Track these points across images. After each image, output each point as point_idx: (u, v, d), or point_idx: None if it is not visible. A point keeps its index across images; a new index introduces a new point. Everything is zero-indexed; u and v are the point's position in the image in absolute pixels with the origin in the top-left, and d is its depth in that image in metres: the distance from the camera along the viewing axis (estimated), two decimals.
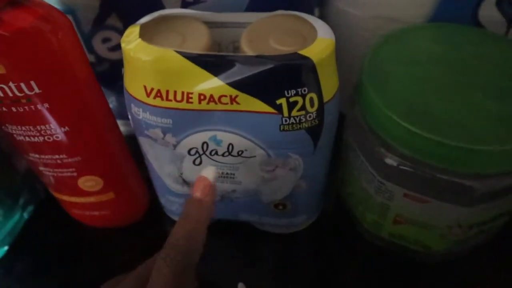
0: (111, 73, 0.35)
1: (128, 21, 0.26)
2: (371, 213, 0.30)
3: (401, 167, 0.26)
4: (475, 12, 0.31)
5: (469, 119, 0.24)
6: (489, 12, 0.31)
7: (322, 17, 0.36)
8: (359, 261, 0.33)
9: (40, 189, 0.36)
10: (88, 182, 0.30)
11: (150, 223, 0.35)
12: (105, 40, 0.33)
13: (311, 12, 0.34)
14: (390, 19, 0.32)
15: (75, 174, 0.29)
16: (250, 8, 0.31)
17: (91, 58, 0.34)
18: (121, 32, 0.33)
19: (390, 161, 0.26)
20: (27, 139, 0.26)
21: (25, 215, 0.35)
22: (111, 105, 0.36)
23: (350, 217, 0.34)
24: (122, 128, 0.33)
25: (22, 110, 0.24)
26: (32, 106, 0.24)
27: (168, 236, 0.23)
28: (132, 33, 0.25)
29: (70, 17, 0.31)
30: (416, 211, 0.27)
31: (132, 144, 0.31)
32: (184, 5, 0.31)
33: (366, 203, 0.30)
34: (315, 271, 0.33)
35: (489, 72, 0.27)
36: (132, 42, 0.24)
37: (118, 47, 0.34)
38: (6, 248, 0.34)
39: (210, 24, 0.27)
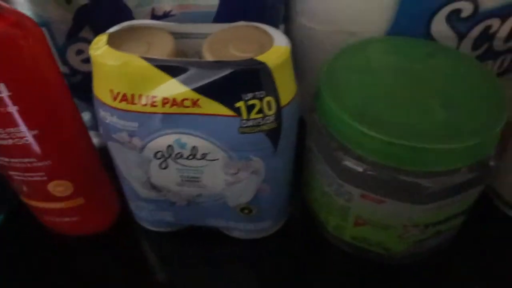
0: (85, 85, 0.36)
1: (101, 33, 0.27)
2: (333, 216, 0.31)
3: (357, 168, 0.27)
4: (428, 27, 0.33)
5: (419, 122, 0.26)
6: (440, 27, 0.33)
7: (287, 32, 0.38)
8: (325, 266, 0.34)
9: (11, 197, 0.36)
10: (58, 187, 0.30)
11: (120, 230, 0.36)
12: (79, 52, 0.35)
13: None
14: (349, 33, 0.34)
15: (45, 178, 0.29)
16: (217, 22, 0.32)
17: (65, 70, 0.35)
18: None
19: (348, 163, 0.28)
20: None
21: None
22: (85, 117, 0.37)
23: (316, 222, 0.35)
24: (95, 139, 0.34)
25: None
26: (2, 108, 0.25)
27: None
28: (100, 40, 0.26)
29: (44, 30, 0.32)
30: (374, 212, 0.28)
31: (105, 155, 0.32)
32: (154, 18, 0.32)
33: (328, 206, 0.31)
34: (282, 276, 0.33)
35: (439, 81, 0.29)
36: (100, 48, 0.25)
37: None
38: None
39: (176, 35, 0.28)
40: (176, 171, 0.29)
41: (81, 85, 0.36)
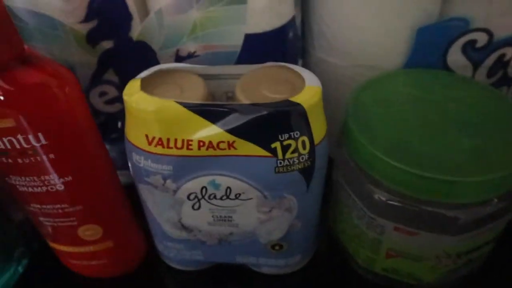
0: (106, 126, 0.37)
1: (125, 75, 0.28)
2: (364, 248, 0.32)
3: (389, 201, 0.27)
4: (444, 58, 0.34)
5: (447, 154, 0.26)
6: (456, 57, 0.34)
7: (305, 66, 0.39)
8: None
9: (35, 241, 0.36)
10: (88, 231, 0.30)
11: (147, 270, 0.35)
12: (102, 94, 0.35)
13: (295, 63, 0.37)
14: (368, 66, 0.35)
15: (75, 223, 0.29)
16: (240, 62, 0.33)
17: None
18: (117, 86, 0.35)
19: (379, 196, 0.28)
20: (30, 189, 0.27)
21: (20, 269, 0.35)
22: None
23: (344, 254, 0.35)
24: (121, 178, 0.34)
25: (28, 161, 0.25)
26: (38, 157, 0.25)
27: None
28: (134, 86, 0.26)
29: None
30: (407, 244, 0.29)
31: (131, 194, 0.32)
32: (178, 59, 0.33)
33: (358, 239, 0.31)
34: None
35: (462, 112, 0.30)
36: (134, 94, 0.26)
37: (114, 100, 0.36)
38: None
39: (205, 76, 0.29)
40: (208, 211, 0.29)
41: (103, 125, 0.36)
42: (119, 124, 0.38)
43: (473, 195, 0.26)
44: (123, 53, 0.33)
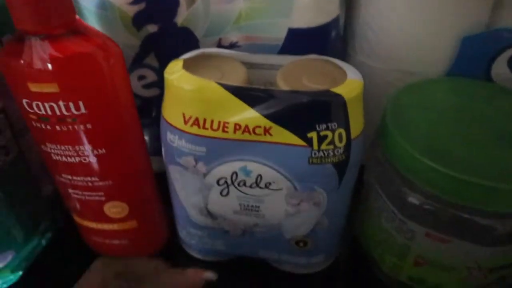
0: (142, 110, 0.37)
1: (165, 61, 0.28)
2: (390, 254, 0.31)
3: (424, 205, 0.27)
4: (488, 70, 0.33)
5: (486, 160, 0.26)
6: (501, 70, 0.33)
7: None
8: None
9: (60, 217, 0.36)
10: (114, 208, 0.30)
11: (166, 257, 0.35)
12: (141, 77, 0.35)
13: None
14: (409, 73, 0.35)
15: (103, 198, 0.30)
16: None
17: None
18: (156, 71, 0.35)
19: (413, 199, 0.27)
20: (64, 159, 0.27)
21: (43, 242, 0.36)
22: None
23: (368, 260, 0.34)
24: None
25: (65, 129, 0.26)
26: (76, 126, 0.26)
27: None
28: (176, 65, 0.27)
29: None
30: (437, 251, 0.28)
31: (159, 180, 0.32)
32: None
33: (385, 244, 0.31)
34: None
35: (504, 123, 0.29)
36: (175, 73, 0.26)
37: (151, 85, 0.36)
38: (20, 273, 0.34)
39: (246, 65, 0.29)
40: (236, 199, 0.28)
41: (139, 109, 0.36)
42: (154, 112, 0.38)
43: (511, 204, 0.25)
44: (166, 38, 0.33)
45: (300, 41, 0.32)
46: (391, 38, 0.34)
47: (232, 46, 0.33)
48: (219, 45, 0.33)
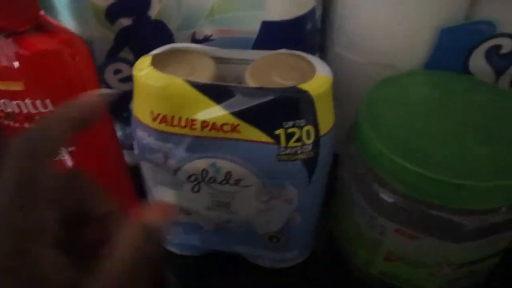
0: (119, 104, 0.37)
1: (140, 54, 0.28)
2: (363, 249, 0.31)
3: (394, 202, 0.27)
4: (465, 63, 0.33)
5: (459, 157, 0.26)
6: (478, 62, 0.33)
7: None
8: None
9: None
10: None
11: None
12: (117, 71, 0.35)
13: None
14: (387, 65, 0.34)
15: None
16: (255, 49, 0.33)
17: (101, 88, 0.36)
18: (132, 65, 0.34)
19: (384, 196, 0.27)
20: None
21: None
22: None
23: (342, 255, 0.34)
24: (126, 158, 0.34)
25: None
26: None
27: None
28: (144, 62, 0.26)
29: None
30: (407, 247, 0.28)
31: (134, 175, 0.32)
32: (194, 42, 0.33)
33: (358, 239, 0.31)
34: None
35: (479, 117, 0.29)
36: (144, 69, 0.26)
37: (128, 79, 0.36)
38: None
39: (217, 60, 0.28)
40: (207, 195, 0.28)
41: (115, 103, 0.36)
42: (131, 105, 0.38)
43: (480, 201, 0.25)
44: (140, 31, 0.33)
45: (275, 34, 0.32)
46: (368, 30, 0.34)
47: (206, 39, 0.32)
48: (193, 38, 0.33)
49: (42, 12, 0.25)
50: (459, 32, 0.32)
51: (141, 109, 0.26)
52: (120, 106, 0.37)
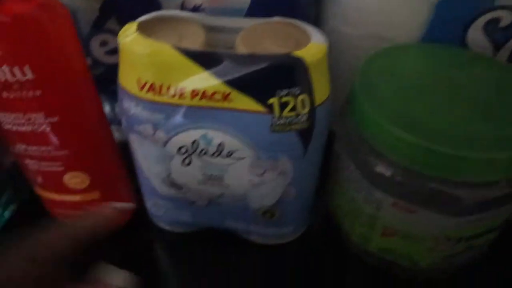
0: (106, 78, 0.35)
1: None
2: (359, 225, 0.30)
3: (391, 175, 0.26)
4: (463, 36, 0.32)
5: (457, 130, 0.25)
6: (476, 36, 0.32)
7: None
8: (346, 278, 0.33)
9: (24, 189, 0.35)
10: (74, 179, 0.29)
11: (134, 229, 0.34)
12: (103, 43, 0.34)
13: None
14: (382, 38, 0.33)
15: (61, 168, 0.28)
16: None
17: (87, 61, 0.34)
18: None
19: (380, 169, 0.26)
20: (15, 128, 0.26)
21: (6, 214, 0.34)
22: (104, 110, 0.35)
23: (338, 231, 0.33)
24: (115, 134, 0.33)
25: (12, 96, 0.24)
26: (24, 92, 0.24)
27: None
28: (130, 28, 0.25)
29: None
30: (404, 222, 0.27)
31: (124, 151, 0.31)
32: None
33: (354, 214, 0.30)
34: (300, 286, 0.32)
35: (477, 90, 0.28)
36: (129, 36, 0.24)
37: (115, 51, 0.35)
38: None
39: (207, 28, 0.27)
40: (199, 169, 0.27)
41: (102, 77, 0.35)
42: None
43: (479, 173, 0.24)
44: (127, 0, 0.31)
45: (266, 4, 0.31)
46: (364, 2, 0.33)
47: (195, 9, 0.31)
48: (183, 8, 0.31)
49: None
50: (457, 4, 0.31)
51: (127, 77, 0.25)
52: (107, 80, 0.36)
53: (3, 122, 0.26)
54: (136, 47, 0.24)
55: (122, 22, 0.32)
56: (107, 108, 0.37)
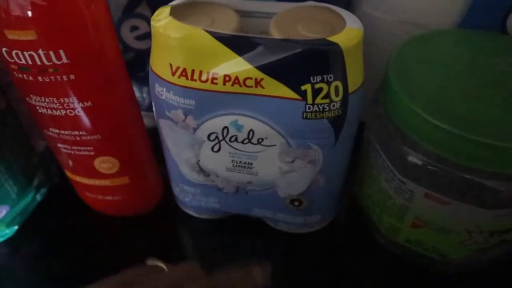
0: (135, 63, 0.36)
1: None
2: (388, 215, 0.30)
3: (424, 165, 0.25)
4: (503, 22, 0.31)
5: (495, 118, 0.24)
6: None
7: None
8: (373, 269, 0.32)
9: (55, 172, 0.36)
10: (105, 164, 0.30)
11: (161, 215, 0.35)
12: (133, 28, 0.34)
13: None
14: (417, 24, 0.32)
15: (92, 153, 0.29)
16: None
17: None
18: (149, 21, 0.33)
19: (413, 158, 0.26)
20: (49, 112, 0.26)
21: (38, 197, 0.35)
22: None
23: (366, 221, 0.33)
24: (145, 120, 0.33)
25: (48, 80, 0.25)
26: (58, 77, 0.24)
27: None
28: (163, 12, 0.25)
29: None
30: (437, 213, 0.26)
31: (153, 137, 0.31)
32: None
33: (384, 204, 0.29)
34: (326, 275, 0.32)
35: None
36: (162, 20, 0.24)
37: (145, 36, 0.35)
38: (16, 228, 0.34)
39: (240, 13, 0.27)
40: (228, 155, 0.27)
41: (132, 63, 0.35)
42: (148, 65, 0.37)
43: None
44: None
45: None
46: None
47: None
48: None
49: None
50: None
51: (159, 62, 0.25)
52: (137, 66, 0.36)
53: (37, 106, 0.26)
54: (169, 31, 0.24)
55: (153, 7, 0.33)
56: (136, 94, 0.37)
